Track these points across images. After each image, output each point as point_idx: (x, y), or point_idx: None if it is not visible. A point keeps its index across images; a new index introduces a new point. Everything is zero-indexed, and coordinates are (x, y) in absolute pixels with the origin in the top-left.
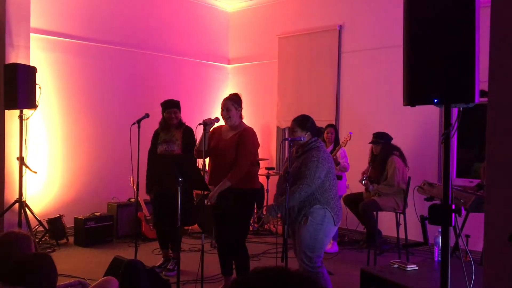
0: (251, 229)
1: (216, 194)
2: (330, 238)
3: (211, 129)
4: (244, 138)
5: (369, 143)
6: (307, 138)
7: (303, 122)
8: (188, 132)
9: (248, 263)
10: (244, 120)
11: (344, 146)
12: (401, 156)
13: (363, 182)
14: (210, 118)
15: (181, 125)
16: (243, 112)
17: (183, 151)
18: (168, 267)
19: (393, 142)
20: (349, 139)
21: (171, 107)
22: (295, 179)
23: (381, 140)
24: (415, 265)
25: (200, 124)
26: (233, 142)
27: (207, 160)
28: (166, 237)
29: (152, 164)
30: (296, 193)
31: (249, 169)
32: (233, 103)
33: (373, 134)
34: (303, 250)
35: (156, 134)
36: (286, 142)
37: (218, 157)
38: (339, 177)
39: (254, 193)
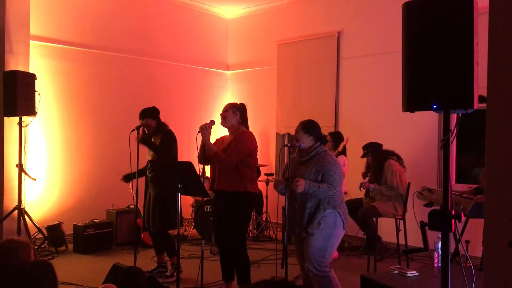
0: (250, 235)
1: (205, 143)
2: (339, 242)
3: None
4: (238, 138)
5: (361, 157)
6: (310, 143)
7: (308, 126)
8: (164, 136)
9: (248, 268)
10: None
11: (340, 150)
12: (399, 159)
13: (362, 187)
14: (206, 123)
15: (159, 130)
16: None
17: (155, 154)
18: (166, 274)
19: (392, 148)
20: (346, 143)
21: (140, 117)
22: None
23: (370, 150)
24: (415, 271)
25: (198, 132)
26: (229, 145)
27: (207, 166)
28: (155, 241)
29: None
30: (331, 191)
31: (245, 172)
32: (231, 106)
33: (362, 148)
34: (314, 256)
35: None
36: (286, 148)
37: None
38: None
39: (251, 197)
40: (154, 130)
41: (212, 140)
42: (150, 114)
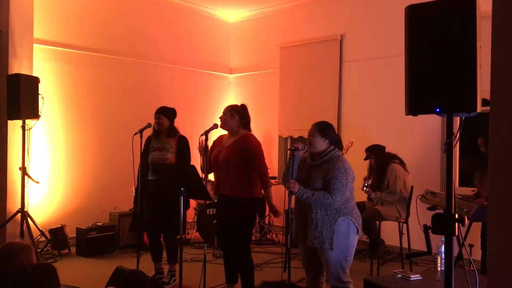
0: (253, 238)
1: (273, 206)
2: (355, 248)
3: (213, 141)
4: (248, 146)
5: (364, 159)
6: (324, 146)
7: (323, 128)
8: (183, 142)
9: (252, 272)
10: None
11: (346, 153)
12: (401, 163)
13: (364, 189)
14: (207, 129)
15: (174, 134)
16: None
17: (177, 160)
18: (163, 280)
19: (395, 151)
20: (351, 145)
21: (156, 112)
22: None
23: (373, 152)
24: (418, 275)
25: (201, 135)
26: (235, 150)
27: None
28: (155, 245)
29: (142, 173)
30: (326, 200)
31: (254, 177)
32: (230, 109)
33: (365, 150)
34: (334, 271)
35: (148, 141)
36: (289, 151)
37: (221, 166)
38: None
39: (257, 202)
40: (166, 131)
41: (210, 142)
42: (166, 113)
